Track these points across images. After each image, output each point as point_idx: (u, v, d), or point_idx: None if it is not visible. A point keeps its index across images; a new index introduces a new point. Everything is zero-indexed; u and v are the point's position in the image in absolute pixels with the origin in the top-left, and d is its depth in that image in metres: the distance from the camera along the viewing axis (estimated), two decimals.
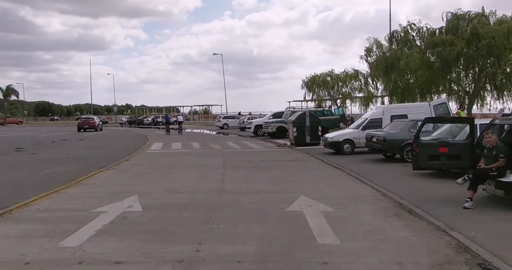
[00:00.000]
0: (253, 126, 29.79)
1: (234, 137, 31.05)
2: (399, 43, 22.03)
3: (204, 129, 46.95)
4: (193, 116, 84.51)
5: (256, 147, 21.36)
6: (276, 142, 23.35)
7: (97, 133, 37.10)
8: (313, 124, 20.25)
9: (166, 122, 37.42)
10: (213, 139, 28.45)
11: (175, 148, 21.08)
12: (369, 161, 14.17)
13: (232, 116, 46.84)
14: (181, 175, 11.66)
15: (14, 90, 78.56)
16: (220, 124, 44.92)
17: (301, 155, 17.15)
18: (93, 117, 42.31)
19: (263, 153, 17.97)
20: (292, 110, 27.31)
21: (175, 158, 16.18)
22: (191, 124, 63.72)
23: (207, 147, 21.53)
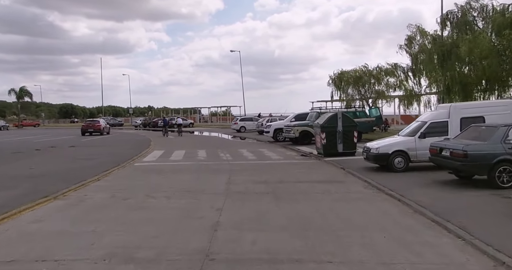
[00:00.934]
0: (272, 130, 25.60)
1: (250, 142, 26.89)
2: (455, 27, 17.45)
3: (220, 132, 42.98)
4: (210, 118, 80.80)
5: (275, 156, 17.14)
6: (299, 150, 19.08)
7: (100, 138, 33.58)
8: (348, 129, 15.92)
9: (164, 125, 37.63)
10: (225, 145, 24.38)
11: (175, 158, 17.06)
12: (438, 184, 9.78)
13: (250, 118, 42.72)
14: (153, 213, 7.54)
15: (28, 92, 76.43)
16: (237, 127, 40.84)
17: (335, 171, 12.84)
18: (98, 120, 38.89)
19: (283, 167, 13.74)
20: (318, 111, 22.98)
21: (165, 175, 12.12)
22: (208, 126, 59.90)
23: (215, 156, 17.45)
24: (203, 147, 23.05)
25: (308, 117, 23.58)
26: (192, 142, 27.41)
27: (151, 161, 16.10)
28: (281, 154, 18.38)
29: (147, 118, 67.60)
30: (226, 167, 13.78)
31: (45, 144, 26.50)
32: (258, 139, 28.69)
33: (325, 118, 16.41)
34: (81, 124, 68.17)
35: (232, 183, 10.64)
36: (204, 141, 28.96)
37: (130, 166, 14.34)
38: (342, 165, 13.43)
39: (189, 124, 60.38)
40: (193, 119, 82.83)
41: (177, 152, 19.65)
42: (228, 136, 35.72)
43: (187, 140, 29.56)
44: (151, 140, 30.18)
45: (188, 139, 31.50)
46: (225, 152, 19.54)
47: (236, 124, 41.15)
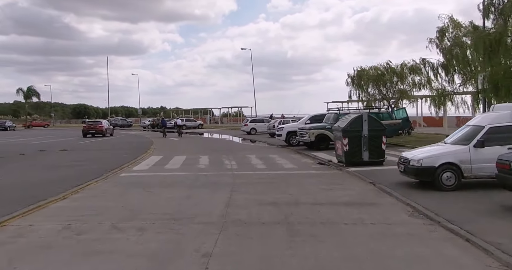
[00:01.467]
0: (285, 133, 23.09)
1: (260, 146, 24.43)
2: (501, 14, 14.72)
3: (230, 134, 40.60)
4: (221, 119, 78.56)
5: (288, 165, 14.65)
6: (316, 157, 16.57)
7: (101, 140, 31.45)
8: (375, 134, 13.36)
9: (163, 125, 38.17)
10: (232, 149, 21.95)
11: (171, 166, 14.65)
12: (509, 210, 7.22)
13: (261, 120, 40.25)
14: (108, 263, 5.11)
15: (36, 91, 75.11)
16: (247, 129, 38.42)
17: (363, 186, 10.30)
18: (100, 121, 36.79)
19: (298, 180, 11.24)
20: (336, 112, 20.40)
21: (150, 192, 9.71)
22: (218, 128, 57.62)
23: (218, 164, 15.04)
24: (207, 151, 20.68)
25: (325, 119, 21.03)
26: (196, 145, 25.08)
27: (142, 170, 13.72)
28: (295, 161, 15.89)
29: (155, 119, 65.52)
30: (229, 180, 11.33)
31: (39, 146, 24.44)
32: (269, 143, 26.22)
33: (348, 120, 13.87)
34: None
35: (232, 205, 8.18)
36: (210, 144, 26.62)
37: (114, 178, 11.99)
38: (371, 178, 10.90)
39: (198, 125, 58.19)
40: (203, 120, 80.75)
41: (177, 157, 17.29)
42: (237, 139, 33.33)
43: (191, 143, 27.27)
44: (153, 142, 27.96)
45: (193, 141, 29.22)
46: (231, 158, 17.13)
47: (246, 126, 38.72)
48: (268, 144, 26.03)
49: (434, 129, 31.67)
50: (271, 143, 25.87)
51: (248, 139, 31.97)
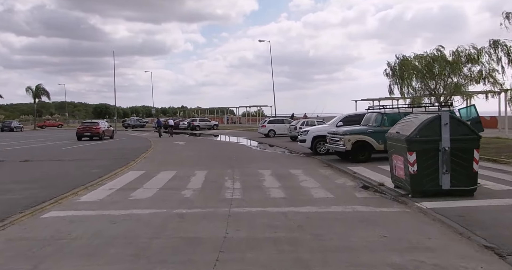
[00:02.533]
0: (310, 138, 18.03)
1: (278, 155, 19.45)
2: None
3: (245, 136, 35.76)
4: (239, 119, 73.78)
5: (318, 192, 9.54)
6: (356, 175, 11.53)
7: (93, 144, 27.09)
8: (462, 146, 8.25)
9: (158, 126, 38.62)
10: (242, 159, 17.04)
11: (143, 192, 9.64)
12: None
13: (281, 120, 35.22)
14: None
15: (45, 90, 71.90)
16: (265, 131, 33.49)
17: (475, 255, 5.21)
18: (97, 122, 32.32)
19: (342, 233, 6.20)
20: (380, 111, 15.19)
21: (67, 259, 4.94)
22: (235, 128, 52.79)
23: (214, 189, 10.14)
24: (209, 162, 15.87)
25: (364, 120, 15.90)
26: (199, 153, 20.28)
27: (92, 201, 8.85)
28: (327, 182, 10.83)
29: (167, 120, 61.28)
30: (219, 231, 6.36)
31: (11, 153, 20.21)
32: (291, 149, 21.24)
33: (415, 125, 8.72)
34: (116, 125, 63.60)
35: None
36: (217, 151, 21.80)
37: (36, 219, 7.22)
38: (477, 229, 5.83)
39: (212, 126, 53.64)
40: (220, 120, 76.12)
41: (162, 175, 12.48)
42: (252, 143, 28.44)
43: (195, 149, 22.52)
44: (150, 147, 23.37)
45: (198, 147, 24.48)
46: (236, 175, 12.26)
47: (264, 127, 33.79)
48: (289, 150, 21.04)
49: (488, 131, 26.14)
50: (292, 149, 20.88)
51: (265, 143, 27.05)
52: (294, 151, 20.42)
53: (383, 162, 13.83)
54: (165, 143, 28.59)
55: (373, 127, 14.78)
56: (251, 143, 28.95)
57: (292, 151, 20.52)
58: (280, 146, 24.02)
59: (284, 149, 22.09)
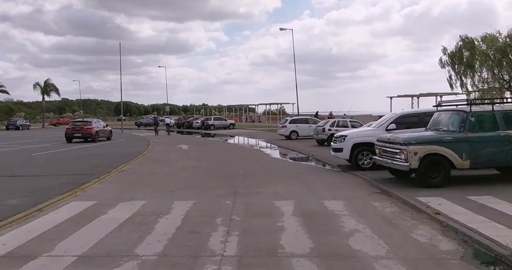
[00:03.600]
0: (349, 146, 12.78)
1: (304, 168, 14.34)
2: None
3: (263, 138, 30.84)
4: (258, 118, 68.88)
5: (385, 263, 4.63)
6: (444, 220, 6.42)
7: (77, 148, 22.62)
8: None
9: (155, 124, 39.15)
10: (253, 176, 12.06)
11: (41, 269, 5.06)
12: None
13: (305, 120, 30.04)
14: None
15: (54, 86, 68.28)
16: (286, 132, 28.46)
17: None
18: (89, 121, 27.71)
19: None
20: (461, 109, 10.01)
21: None
22: (253, 128, 47.84)
23: (190, 247, 5.28)
24: (205, 180, 11.02)
25: (433, 123, 10.71)
26: (199, 162, 15.43)
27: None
28: (398, 240, 5.75)
29: (181, 118, 56.97)
30: None
31: None
32: (319, 158, 16.22)
33: None
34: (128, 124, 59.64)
35: None
36: (223, 160, 16.91)
37: None
38: None
39: (228, 125, 48.86)
40: (238, 119, 71.41)
41: (117, 211, 7.66)
42: (269, 148, 23.47)
43: (195, 158, 17.61)
44: (145, 152, 18.74)
45: (201, 154, 19.54)
46: (237, 211, 7.39)
47: (285, 128, 28.73)
48: (317, 160, 16.01)
49: None
50: (322, 159, 15.85)
51: (286, 148, 22.05)
52: (323, 160, 15.40)
53: (472, 188, 8.76)
54: (165, 146, 23.95)
55: (452, 134, 9.60)
56: (269, 147, 24.00)
57: (320, 161, 15.50)
58: (305, 153, 18.99)
59: (311, 158, 17.08)
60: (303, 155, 18.66)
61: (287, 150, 21.58)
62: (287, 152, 20.66)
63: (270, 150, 21.91)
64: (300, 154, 19.22)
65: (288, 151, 20.95)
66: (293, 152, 20.26)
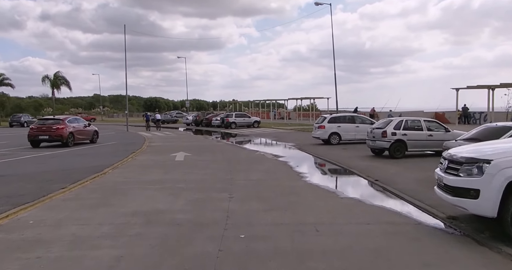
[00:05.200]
0: (498, 187, 5.40)
1: (377, 220, 6.73)
2: None
3: (292, 142, 23.57)
4: (288, 114, 61.29)
5: None
6: None
7: (35, 156, 15.99)
8: None
9: (147, 120, 40.15)
10: (264, 252, 4.95)
11: None
12: None
13: (350, 118, 22.27)
14: None
15: (65, 79, 63.08)
16: (324, 134, 21.04)
17: None
18: (60, 119, 20.39)
19: None
20: None
21: None
22: (281, 126, 40.33)
23: None
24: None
25: None
26: (174, 196, 8.31)
27: None
28: None
29: (199, 114, 50.19)
30: None
31: None
32: (399, 192, 8.66)
33: None
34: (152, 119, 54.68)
35: None
36: (221, 187, 9.71)
37: None
38: None
39: (253, 123, 41.69)
40: (265, 115, 64.05)
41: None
42: (302, 160, 16.07)
43: (184, 179, 10.47)
44: (102, 172, 11.77)
45: (198, 170, 12.31)
46: None
47: (322, 129, 21.24)
48: (398, 199, 8.49)
49: None
50: (408, 195, 8.35)
51: (328, 162, 14.67)
52: (414, 200, 7.97)
53: None
54: (154, 156, 17.05)
55: None
56: (302, 159, 16.64)
57: (408, 201, 8.04)
58: (364, 174, 11.50)
59: (383, 190, 9.59)
60: (361, 178, 11.21)
61: (330, 165, 14.18)
62: (333, 171, 13.32)
63: (304, 166, 14.50)
64: (354, 175, 11.80)
65: (333, 169, 13.59)
66: (341, 171, 12.88)
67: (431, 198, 7.37)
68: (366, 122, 21.55)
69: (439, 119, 26.71)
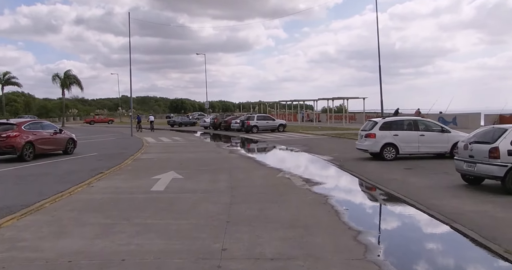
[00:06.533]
0: None
1: None
2: None
3: (327, 155, 17.77)
4: (318, 116, 54.99)
5: None
6: None
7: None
8: None
9: (138, 122, 40.23)
10: None
11: None
12: None
13: (411, 123, 15.86)
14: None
15: (75, 78, 58.84)
16: (375, 146, 15.01)
17: None
18: (14, 124, 14.65)
19: None
20: None
21: None
22: (311, 131, 34.28)
23: None
24: None
25: None
26: None
27: None
28: None
29: (217, 116, 44.71)
30: None
31: None
32: None
33: None
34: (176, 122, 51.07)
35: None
36: None
37: None
38: None
39: (278, 127, 35.91)
40: (292, 117, 58.08)
41: None
42: (348, 189, 10.13)
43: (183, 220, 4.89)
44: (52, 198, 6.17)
45: (161, 219, 6.77)
46: None
47: (372, 138, 15.19)
48: None
49: None
50: None
51: (393, 199, 8.65)
52: None
53: None
54: (127, 179, 11.60)
55: None
56: (347, 187, 10.83)
57: None
58: (489, 237, 5.54)
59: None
60: (493, 254, 5.27)
61: (404, 207, 8.18)
62: (415, 226, 7.39)
63: (359, 208, 8.65)
64: (469, 240, 5.83)
65: (415, 219, 7.62)
66: (431, 224, 6.93)
67: None
68: (434, 129, 15.46)
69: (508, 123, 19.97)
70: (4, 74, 58.18)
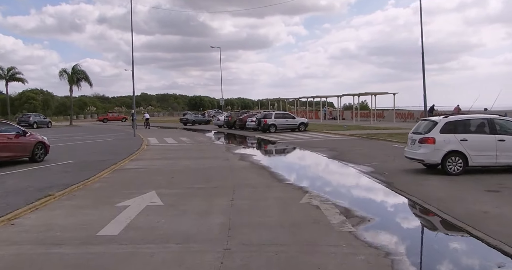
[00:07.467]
0: None
1: None
2: None
3: (361, 165, 13.71)
4: (342, 113, 50.42)
5: None
6: None
7: None
8: None
9: (133, 119, 36.11)
10: None
11: None
12: None
13: (484, 123, 11.51)
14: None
15: (84, 74, 55.76)
16: (434, 155, 11.06)
17: None
18: None
19: None
20: None
21: None
22: (334, 130, 30.16)
23: None
24: None
25: None
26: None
27: None
28: None
29: (231, 114, 40.80)
30: None
31: None
32: None
33: None
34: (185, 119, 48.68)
35: None
36: None
37: None
38: None
39: (298, 126, 31.88)
40: (312, 115, 53.75)
41: None
42: (409, 229, 5.97)
43: None
44: None
45: None
46: None
47: (430, 144, 11.02)
48: None
49: None
50: None
51: None
52: None
53: None
54: (80, 206, 8.02)
55: None
56: (408, 225, 6.85)
57: None
58: None
59: None
60: None
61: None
62: None
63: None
64: None
65: None
66: None
67: None
68: None
69: None
70: (9, 69, 55.78)
